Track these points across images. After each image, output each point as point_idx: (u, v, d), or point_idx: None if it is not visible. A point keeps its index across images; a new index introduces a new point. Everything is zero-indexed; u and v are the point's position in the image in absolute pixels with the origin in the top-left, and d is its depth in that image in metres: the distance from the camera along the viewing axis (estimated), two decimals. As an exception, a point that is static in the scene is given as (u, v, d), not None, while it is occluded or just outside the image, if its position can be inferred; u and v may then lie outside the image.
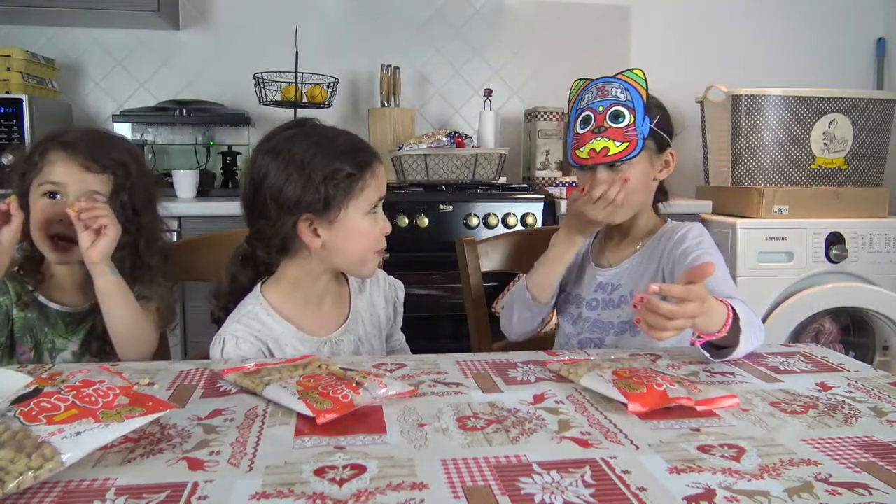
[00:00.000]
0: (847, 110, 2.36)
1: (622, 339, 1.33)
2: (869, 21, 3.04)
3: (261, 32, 2.69)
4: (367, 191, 1.11)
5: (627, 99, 1.27)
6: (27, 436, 0.64)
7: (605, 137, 1.26)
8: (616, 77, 1.29)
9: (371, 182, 1.11)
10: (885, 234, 2.30)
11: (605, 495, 0.63)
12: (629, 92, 1.28)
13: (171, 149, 2.62)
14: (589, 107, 1.28)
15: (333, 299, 1.21)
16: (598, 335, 1.35)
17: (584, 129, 1.28)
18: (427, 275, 2.15)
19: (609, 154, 1.25)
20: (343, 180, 1.09)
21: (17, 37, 2.54)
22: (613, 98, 1.27)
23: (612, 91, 1.28)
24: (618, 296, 1.34)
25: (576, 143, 1.29)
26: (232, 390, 0.91)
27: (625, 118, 1.26)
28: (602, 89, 1.29)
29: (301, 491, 0.63)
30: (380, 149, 2.50)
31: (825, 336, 2.39)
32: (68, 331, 1.24)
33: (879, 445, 0.75)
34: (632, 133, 1.26)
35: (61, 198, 1.17)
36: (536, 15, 2.87)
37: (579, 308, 1.38)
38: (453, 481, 0.65)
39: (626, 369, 0.92)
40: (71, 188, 1.17)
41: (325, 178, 1.08)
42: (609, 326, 1.34)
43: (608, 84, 1.30)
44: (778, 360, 1.08)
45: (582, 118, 1.29)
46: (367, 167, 1.11)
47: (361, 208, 1.11)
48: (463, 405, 0.86)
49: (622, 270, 1.35)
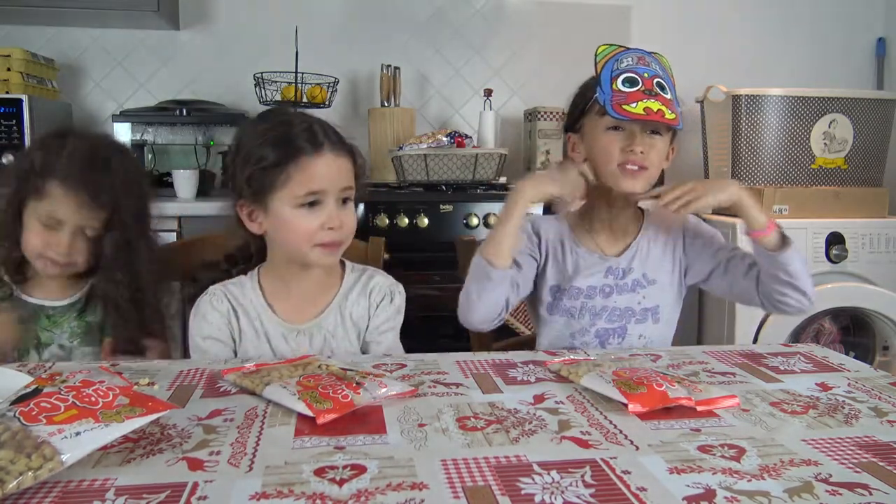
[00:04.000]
0: (847, 110, 2.36)
1: (645, 326, 1.31)
2: (869, 21, 3.04)
3: (261, 32, 2.69)
4: (291, 183, 1.09)
5: (665, 76, 1.25)
6: (27, 436, 0.64)
7: (658, 101, 1.20)
8: (651, 53, 1.27)
9: (295, 175, 1.08)
10: (885, 234, 2.30)
11: (605, 495, 0.63)
12: (665, 72, 1.26)
13: (170, 149, 2.62)
14: (633, 69, 1.23)
15: (318, 288, 1.21)
16: (619, 323, 1.31)
17: (631, 88, 1.21)
18: (427, 275, 2.15)
19: (665, 117, 1.20)
20: (264, 170, 1.09)
21: (17, 37, 2.54)
22: (654, 70, 1.23)
23: (651, 64, 1.25)
24: (631, 279, 1.32)
25: (621, 98, 1.20)
26: (232, 390, 0.91)
27: (667, 92, 1.23)
28: (643, 59, 1.24)
29: (301, 491, 0.63)
30: (380, 149, 2.53)
31: (825, 336, 2.39)
32: (52, 323, 1.24)
33: (879, 445, 0.75)
34: (675, 107, 1.23)
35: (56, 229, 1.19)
36: (536, 15, 2.87)
37: (578, 300, 1.32)
38: (453, 481, 0.65)
39: (627, 369, 0.92)
40: (68, 223, 1.19)
41: (249, 165, 1.10)
42: (629, 314, 1.32)
43: (646, 56, 1.26)
44: (778, 360, 1.08)
45: (625, 78, 1.21)
46: (292, 159, 1.09)
47: (287, 201, 1.10)
48: (463, 405, 0.86)
49: (631, 254, 1.33)
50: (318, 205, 1.10)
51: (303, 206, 1.10)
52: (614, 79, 1.22)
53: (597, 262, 1.33)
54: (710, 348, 1.16)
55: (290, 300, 1.19)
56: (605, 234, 1.34)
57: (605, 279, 1.32)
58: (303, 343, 1.18)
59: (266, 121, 1.18)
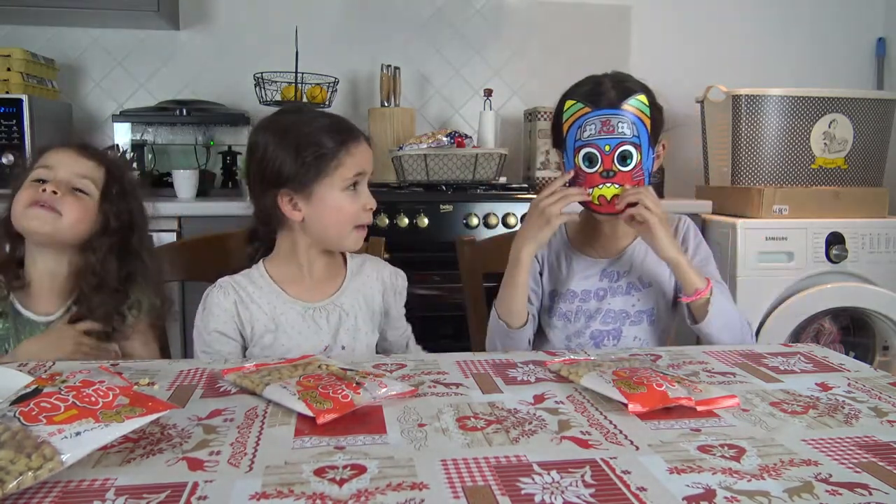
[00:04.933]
0: (847, 110, 2.36)
1: (640, 328, 1.32)
2: (869, 21, 3.04)
3: (261, 32, 2.69)
4: (342, 168, 1.16)
5: (634, 134, 1.21)
6: (27, 436, 0.64)
7: (615, 184, 1.22)
8: (622, 109, 1.21)
9: (346, 160, 1.16)
10: (885, 234, 2.30)
11: (605, 495, 0.63)
12: (636, 125, 1.22)
13: (171, 149, 2.62)
14: (594, 143, 1.22)
15: (327, 274, 1.26)
16: (614, 325, 1.33)
17: (590, 168, 1.22)
18: (427, 275, 2.15)
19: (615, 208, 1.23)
20: (318, 157, 1.15)
21: (17, 37, 2.54)
22: (620, 136, 1.21)
23: (618, 126, 1.21)
24: (626, 282, 1.33)
25: (581, 180, 1.24)
26: (232, 390, 0.91)
27: (632, 159, 1.22)
28: (607, 124, 1.21)
29: (301, 491, 0.63)
30: (380, 149, 2.53)
31: (825, 336, 2.39)
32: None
33: (880, 445, 0.75)
34: (639, 174, 1.23)
35: (49, 181, 1.17)
36: (536, 15, 2.87)
37: (573, 303, 1.34)
38: (453, 481, 0.65)
39: (627, 369, 0.92)
40: (60, 170, 1.18)
41: (301, 154, 1.15)
42: (624, 316, 1.33)
43: (613, 118, 1.21)
44: (778, 360, 1.08)
45: (585, 154, 1.23)
46: (342, 145, 1.17)
47: (337, 184, 1.17)
48: (463, 405, 0.86)
49: (626, 257, 1.34)
50: (358, 187, 1.19)
51: (348, 188, 1.18)
52: (577, 150, 1.24)
53: (591, 266, 1.35)
54: (710, 348, 1.17)
55: (302, 284, 1.24)
56: (602, 239, 1.36)
57: (600, 282, 1.34)
58: (320, 319, 1.22)
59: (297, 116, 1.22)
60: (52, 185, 1.17)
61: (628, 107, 1.22)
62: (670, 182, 2.69)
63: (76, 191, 1.19)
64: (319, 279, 1.25)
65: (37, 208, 1.16)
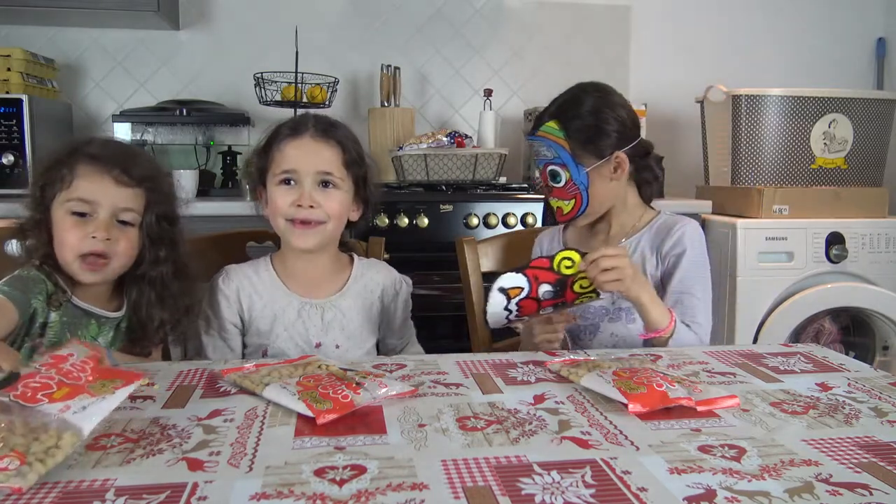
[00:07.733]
0: (847, 110, 2.36)
1: (617, 325, 1.33)
2: (869, 21, 3.04)
3: (261, 32, 2.69)
4: (273, 164, 1.23)
5: (554, 156, 1.30)
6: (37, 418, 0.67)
7: (555, 198, 1.34)
8: (535, 135, 1.33)
9: (276, 156, 1.22)
10: (885, 234, 2.30)
11: (606, 496, 0.63)
12: (552, 148, 1.30)
13: (170, 149, 2.62)
14: (535, 162, 1.34)
15: (330, 274, 1.29)
16: (591, 321, 1.35)
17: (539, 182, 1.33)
18: (427, 275, 2.14)
19: (565, 214, 1.33)
20: (259, 155, 1.25)
21: (17, 37, 2.54)
22: (543, 158, 1.33)
23: (539, 150, 1.34)
24: None
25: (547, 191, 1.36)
26: (232, 390, 0.91)
27: (561, 178, 1.31)
28: (532, 146, 1.35)
29: (301, 491, 0.63)
30: (380, 149, 2.53)
31: (825, 336, 2.39)
32: (99, 331, 1.18)
33: (880, 445, 0.75)
34: (573, 190, 1.30)
35: (91, 215, 1.11)
36: (536, 15, 2.87)
37: None
38: (453, 481, 0.65)
39: (627, 369, 0.92)
40: (103, 206, 1.11)
41: (262, 152, 1.24)
42: (603, 312, 1.34)
43: (534, 143, 1.35)
44: (778, 361, 1.08)
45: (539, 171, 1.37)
46: (275, 142, 1.23)
47: (272, 179, 1.23)
48: (463, 405, 0.86)
49: None
50: (294, 184, 1.21)
51: (281, 183, 1.21)
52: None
53: None
54: (709, 348, 1.17)
55: (302, 282, 1.27)
56: (596, 243, 1.38)
57: None
58: (314, 316, 1.25)
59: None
60: (97, 229, 1.10)
61: (541, 133, 1.33)
62: (670, 182, 2.67)
63: (119, 222, 1.13)
64: (321, 278, 1.28)
65: (88, 265, 1.11)
